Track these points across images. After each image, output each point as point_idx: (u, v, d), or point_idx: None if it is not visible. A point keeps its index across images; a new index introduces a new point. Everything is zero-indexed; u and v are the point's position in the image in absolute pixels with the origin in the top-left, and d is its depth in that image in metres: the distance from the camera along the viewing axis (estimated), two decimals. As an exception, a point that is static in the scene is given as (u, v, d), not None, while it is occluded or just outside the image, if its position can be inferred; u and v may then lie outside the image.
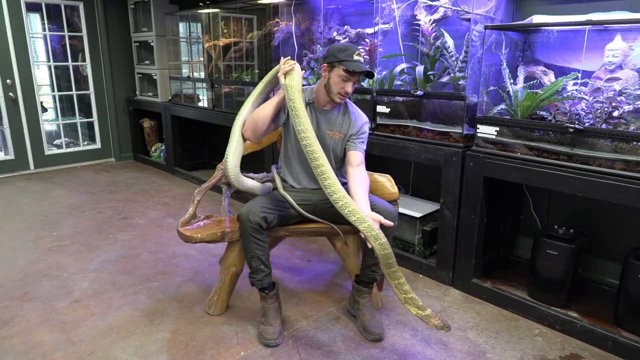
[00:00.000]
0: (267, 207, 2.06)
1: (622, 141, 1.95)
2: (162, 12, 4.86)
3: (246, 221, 2.00)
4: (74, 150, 5.41)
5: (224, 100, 4.41)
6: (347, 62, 1.98)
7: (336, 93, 2.07)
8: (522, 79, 2.33)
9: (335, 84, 2.05)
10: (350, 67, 1.98)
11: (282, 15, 3.67)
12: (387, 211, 2.04)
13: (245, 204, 2.08)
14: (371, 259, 2.12)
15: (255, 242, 2.02)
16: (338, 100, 2.09)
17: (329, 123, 2.17)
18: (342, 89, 2.05)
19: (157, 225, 3.55)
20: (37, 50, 5.60)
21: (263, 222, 2.00)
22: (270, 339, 2.07)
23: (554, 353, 2.06)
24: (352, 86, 2.05)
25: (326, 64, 2.06)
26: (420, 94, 2.64)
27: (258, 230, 2.01)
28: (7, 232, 3.39)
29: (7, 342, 2.09)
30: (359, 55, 2.02)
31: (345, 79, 2.02)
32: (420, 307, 1.83)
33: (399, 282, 1.85)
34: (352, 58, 2.00)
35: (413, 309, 1.84)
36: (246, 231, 2.01)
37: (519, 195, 2.72)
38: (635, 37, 2.08)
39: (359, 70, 1.99)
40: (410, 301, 1.84)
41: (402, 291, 1.85)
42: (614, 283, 2.39)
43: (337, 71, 2.02)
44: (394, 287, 1.86)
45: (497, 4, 2.53)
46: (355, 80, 2.04)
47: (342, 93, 2.06)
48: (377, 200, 2.13)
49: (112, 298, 2.48)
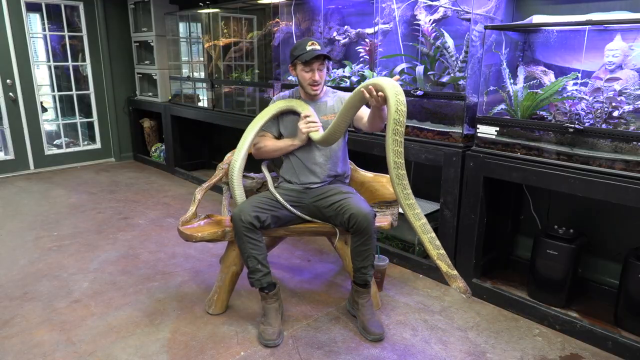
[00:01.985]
0: (260, 207, 2.07)
1: (622, 141, 1.95)
2: (162, 12, 4.86)
3: (238, 221, 2.01)
4: (74, 150, 5.41)
5: (224, 100, 4.41)
6: (301, 55, 2.10)
7: (307, 85, 2.18)
8: (522, 79, 2.33)
9: (303, 78, 2.17)
10: (303, 58, 2.09)
11: (282, 15, 3.68)
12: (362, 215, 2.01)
13: (237, 206, 2.10)
14: (359, 261, 2.12)
15: (250, 241, 2.03)
16: (313, 92, 2.20)
17: (321, 110, 2.24)
18: (310, 79, 2.16)
19: (157, 225, 3.55)
20: (37, 50, 5.60)
21: (256, 222, 2.01)
22: (270, 339, 2.07)
23: (554, 353, 2.06)
24: (318, 73, 2.15)
25: (291, 66, 2.21)
26: (420, 94, 2.64)
27: (251, 230, 2.02)
28: (7, 232, 3.39)
29: (7, 342, 2.09)
30: (313, 43, 2.12)
31: (307, 71, 2.14)
32: (450, 265, 1.75)
33: (432, 235, 1.76)
34: (306, 49, 2.11)
35: (444, 265, 1.74)
36: (239, 231, 2.02)
37: (519, 195, 2.72)
38: (635, 37, 2.08)
39: (311, 58, 2.08)
40: (442, 257, 1.75)
41: (435, 246, 1.75)
42: (614, 283, 2.39)
43: (298, 68, 2.16)
44: (426, 241, 1.76)
45: (497, 4, 2.53)
46: (317, 66, 2.13)
47: (311, 83, 2.17)
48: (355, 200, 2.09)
49: (112, 298, 2.48)
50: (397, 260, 2.91)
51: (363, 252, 2.09)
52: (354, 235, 2.08)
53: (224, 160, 2.43)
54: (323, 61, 2.15)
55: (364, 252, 2.09)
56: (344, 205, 2.07)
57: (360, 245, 2.08)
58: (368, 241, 2.06)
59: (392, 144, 1.71)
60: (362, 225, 2.01)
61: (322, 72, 2.17)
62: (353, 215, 2.01)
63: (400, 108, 1.68)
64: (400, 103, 1.68)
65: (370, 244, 2.07)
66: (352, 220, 2.02)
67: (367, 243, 2.07)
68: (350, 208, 2.03)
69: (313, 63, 2.11)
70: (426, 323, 2.28)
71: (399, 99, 1.68)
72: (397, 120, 1.69)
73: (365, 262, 2.11)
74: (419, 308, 2.41)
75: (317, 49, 2.10)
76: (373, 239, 2.09)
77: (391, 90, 1.70)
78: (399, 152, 1.73)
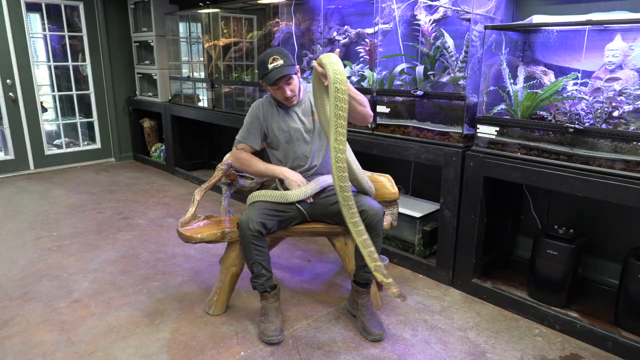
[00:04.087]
0: (266, 214, 2.07)
1: (622, 141, 1.95)
2: (162, 12, 4.86)
3: (246, 229, 2.01)
4: (74, 150, 5.41)
5: (224, 100, 4.41)
6: (266, 76, 2.04)
7: (281, 99, 2.14)
8: (522, 79, 2.32)
9: (275, 94, 2.13)
10: (268, 81, 2.04)
11: (282, 15, 3.68)
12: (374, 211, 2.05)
13: (244, 212, 2.09)
14: (362, 259, 2.12)
15: (256, 248, 2.03)
16: (288, 104, 2.15)
17: (305, 111, 2.22)
18: (281, 97, 2.11)
19: (157, 225, 3.55)
20: (37, 50, 5.59)
21: (263, 229, 2.02)
22: (272, 335, 2.07)
23: (554, 353, 2.06)
24: (287, 88, 2.07)
25: (261, 81, 2.12)
26: (420, 94, 2.64)
27: (258, 237, 2.02)
28: (7, 232, 3.39)
29: (7, 342, 2.09)
30: (275, 59, 2.02)
31: (276, 89, 2.09)
32: (385, 275, 1.84)
33: (370, 249, 1.84)
34: (268, 69, 2.02)
35: (380, 276, 1.84)
36: (246, 239, 2.02)
37: (519, 195, 2.72)
38: (635, 37, 2.08)
39: (275, 80, 2.01)
40: (379, 269, 1.84)
41: (372, 259, 1.84)
42: (614, 283, 2.39)
43: (267, 85, 2.09)
44: (366, 255, 1.85)
45: (497, 4, 2.53)
46: (284, 84, 2.06)
47: (283, 99, 2.12)
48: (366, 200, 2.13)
49: (112, 298, 2.48)
50: (397, 260, 2.91)
51: None
52: None
53: (223, 161, 2.43)
54: (290, 76, 2.06)
55: None
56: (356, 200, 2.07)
57: None
58: (375, 238, 2.06)
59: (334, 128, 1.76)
60: (373, 221, 2.03)
61: (292, 84, 2.08)
62: (364, 212, 2.02)
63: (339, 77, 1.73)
64: (338, 72, 1.74)
65: (378, 241, 2.08)
66: (362, 215, 2.02)
67: (375, 241, 2.07)
68: (361, 205, 2.05)
69: (279, 82, 2.05)
70: (426, 323, 2.28)
71: (335, 69, 1.74)
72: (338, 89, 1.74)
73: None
74: (419, 308, 2.41)
75: (278, 65, 2.01)
76: (380, 237, 2.10)
77: (326, 59, 1.78)
78: (344, 177, 1.79)
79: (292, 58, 2.10)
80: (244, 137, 2.23)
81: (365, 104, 2.05)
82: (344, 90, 1.74)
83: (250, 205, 2.17)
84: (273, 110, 2.21)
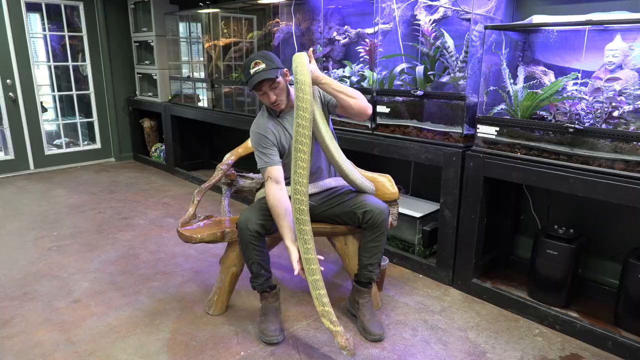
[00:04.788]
0: (266, 215, 2.06)
1: (622, 141, 1.95)
2: (162, 12, 4.86)
3: (245, 230, 2.00)
4: (74, 150, 5.41)
5: (223, 100, 4.41)
6: (248, 81, 1.99)
7: (268, 104, 2.10)
8: (522, 79, 2.32)
9: (262, 99, 2.09)
10: (250, 86, 2.00)
11: (282, 15, 3.68)
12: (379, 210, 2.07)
13: (243, 213, 2.08)
14: (367, 258, 2.13)
15: (255, 248, 2.03)
16: (276, 109, 2.10)
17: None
18: (267, 101, 2.07)
19: (157, 225, 3.55)
20: (37, 50, 5.59)
21: (262, 230, 2.02)
22: (272, 335, 2.07)
23: (554, 353, 2.06)
24: (272, 93, 2.01)
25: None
26: (420, 94, 2.64)
27: (257, 238, 2.02)
28: (7, 232, 3.39)
29: (7, 342, 2.09)
30: (257, 63, 1.96)
31: (261, 94, 2.05)
32: (334, 322, 1.85)
33: (320, 292, 1.86)
34: (250, 74, 1.97)
35: (327, 322, 1.85)
36: (245, 240, 2.02)
37: (519, 195, 2.72)
38: (635, 37, 2.08)
39: (256, 85, 1.98)
40: (326, 314, 1.85)
41: (321, 303, 1.86)
42: (614, 283, 2.39)
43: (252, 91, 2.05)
44: (314, 297, 1.87)
45: (497, 4, 2.53)
46: (268, 88, 2.01)
47: (270, 104, 2.08)
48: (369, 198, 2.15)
49: (112, 298, 2.48)
50: (397, 260, 2.91)
51: (372, 249, 2.10)
52: (367, 231, 2.09)
53: (223, 161, 2.43)
54: (273, 80, 1.99)
55: (374, 248, 2.10)
56: (360, 200, 2.11)
57: (371, 242, 2.10)
58: (380, 237, 2.08)
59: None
60: (378, 219, 2.04)
61: (278, 88, 2.02)
62: (369, 211, 2.03)
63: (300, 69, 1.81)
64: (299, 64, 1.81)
65: (382, 240, 2.10)
66: (367, 215, 2.05)
67: (379, 239, 2.09)
68: (366, 204, 2.06)
69: (262, 87, 2.00)
70: (426, 323, 2.28)
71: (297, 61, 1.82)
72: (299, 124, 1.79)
73: (373, 259, 2.12)
74: (419, 308, 2.41)
75: (259, 70, 1.95)
76: (384, 236, 2.11)
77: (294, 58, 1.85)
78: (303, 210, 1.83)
79: (276, 61, 2.01)
80: (266, 162, 2.06)
81: (355, 95, 1.98)
82: (306, 117, 1.79)
83: (250, 205, 2.17)
84: (272, 120, 2.13)
